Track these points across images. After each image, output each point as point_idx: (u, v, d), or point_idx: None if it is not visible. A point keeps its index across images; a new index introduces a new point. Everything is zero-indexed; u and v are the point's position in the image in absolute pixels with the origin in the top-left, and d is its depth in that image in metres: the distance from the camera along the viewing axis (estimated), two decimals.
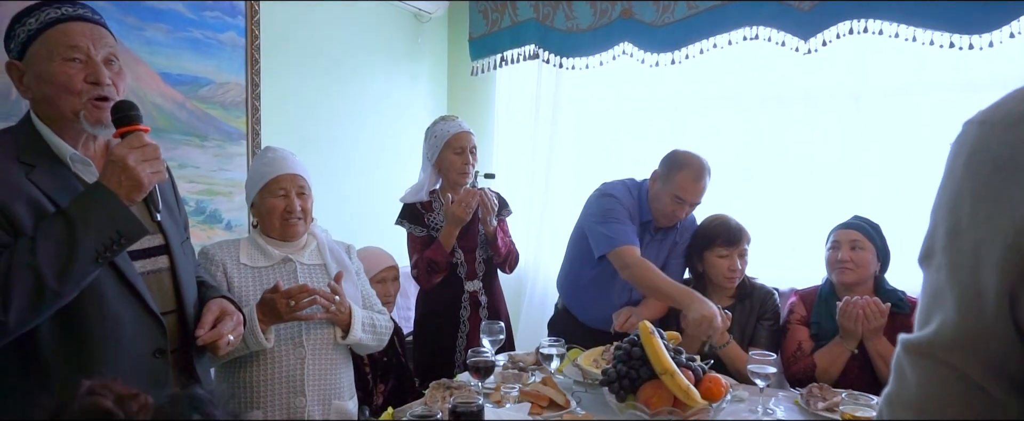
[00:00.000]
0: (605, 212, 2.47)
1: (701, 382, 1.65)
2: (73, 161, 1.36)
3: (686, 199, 2.40)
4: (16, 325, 1.19)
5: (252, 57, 2.88)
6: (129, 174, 1.26)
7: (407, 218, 2.64)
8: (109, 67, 1.36)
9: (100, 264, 1.25)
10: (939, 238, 0.70)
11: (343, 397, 1.94)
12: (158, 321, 1.40)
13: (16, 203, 1.24)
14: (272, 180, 1.88)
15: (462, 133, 2.58)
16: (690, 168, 2.39)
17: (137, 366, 1.36)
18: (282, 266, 1.91)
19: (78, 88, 1.31)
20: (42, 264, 1.18)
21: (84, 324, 1.30)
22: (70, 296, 1.24)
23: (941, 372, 0.67)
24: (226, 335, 1.48)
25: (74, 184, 1.33)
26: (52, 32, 1.31)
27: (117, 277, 1.34)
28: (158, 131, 2.52)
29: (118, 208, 1.25)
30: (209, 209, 2.76)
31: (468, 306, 2.60)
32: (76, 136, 1.37)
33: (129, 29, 2.42)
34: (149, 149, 1.30)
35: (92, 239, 1.22)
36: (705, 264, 2.42)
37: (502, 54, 3.78)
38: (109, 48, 1.37)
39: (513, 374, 2.15)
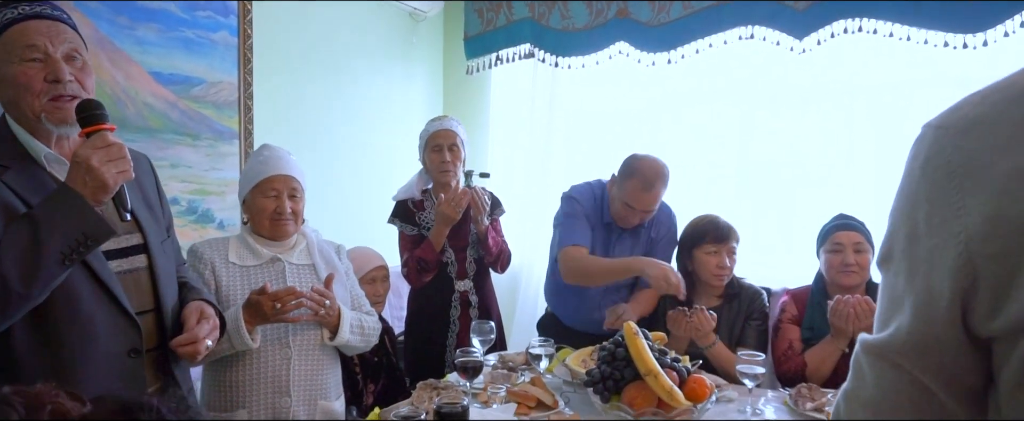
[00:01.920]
0: (562, 215, 2.54)
1: (685, 383, 1.64)
2: (48, 160, 1.34)
3: (634, 207, 2.40)
4: None
5: (245, 56, 2.88)
6: (94, 175, 1.23)
7: (398, 216, 2.64)
8: (71, 64, 1.33)
9: (67, 266, 1.23)
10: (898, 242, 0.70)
11: (329, 397, 1.94)
12: (133, 321, 1.38)
13: None
14: (265, 180, 1.88)
15: (440, 131, 2.57)
16: (640, 177, 2.38)
17: (112, 366, 1.35)
18: (271, 266, 1.91)
19: (38, 88, 1.29)
20: (7, 268, 1.17)
21: (57, 324, 1.29)
22: (39, 298, 1.23)
23: (896, 375, 0.68)
24: (202, 338, 1.46)
25: (48, 183, 1.31)
26: (10, 33, 1.29)
27: (91, 277, 1.33)
28: (150, 130, 2.53)
29: (83, 209, 1.23)
30: (201, 209, 2.76)
31: (458, 306, 2.60)
32: (48, 135, 1.35)
33: (120, 29, 2.42)
34: (114, 148, 1.27)
35: (57, 241, 1.20)
36: (694, 262, 2.41)
37: (497, 53, 3.77)
38: (70, 44, 1.34)
39: (502, 374, 2.15)
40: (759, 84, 3.29)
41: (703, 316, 2.19)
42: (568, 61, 3.58)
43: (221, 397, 1.82)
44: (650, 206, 2.40)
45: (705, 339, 2.21)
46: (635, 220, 2.45)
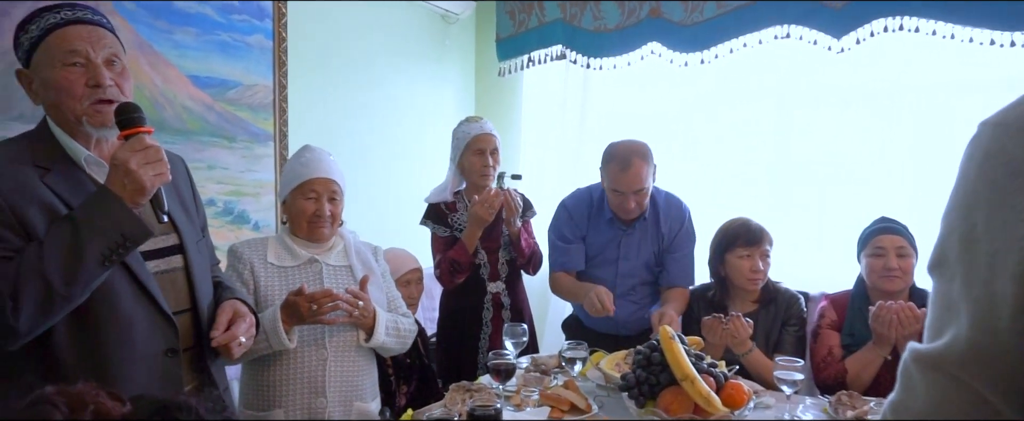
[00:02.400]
0: (551, 232, 2.63)
1: (722, 389, 1.61)
2: (87, 163, 1.37)
3: (620, 189, 2.38)
4: (27, 330, 1.21)
5: (279, 59, 2.91)
6: (132, 178, 1.26)
7: (431, 218, 2.64)
8: (111, 68, 1.35)
9: (107, 267, 1.26)
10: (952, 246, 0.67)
11: (365, 399, 1.94)
12: (170, 321, 1.40)
13: (29, 207, 1.25)
14: (305, 182, 1.90)
15: (483, 135, 2.57)
16: (615, 159, 2.39)
17: (150, 365, 1.37)
18: (308, 266, 1.92)
19: (79, 93, 1.32)
20: (49, 269, 1.19)
21: (97, 324, 1.31)
22: (80, 299, 1.25)
23: (951, 387, 0.64)
24: (239, 337, 1.47)
25: (88, 185, 1.34)
26: (52, 38, 1.31)
27: (129, 278, 1.35)
28: (187, 133, 2.57)
29: (122, 212, 1.25)
30: (237, 210, 2.79)
31: (491, 307, 2.59)
32: (88, 138, 1.38)
33: (159, 33, 2.46)
34: (151, 151, 1.29)
35: (97, 243, 1.22)
36: (726, 267, 2.37)
37: (529, 55, 3.76)
38: (110, 48, 1.36)
39: (535, 377, 2.14)
40: (795, 85, 3.23)
41: (739, 323, 2.15)
42: (600, 62, 3.56)
43: (258, 396, 1.83)
44: (633, 185, 2.36)
45: (741, 346, 2.17)
46: (631, 206, 2.40)
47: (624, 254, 2.51)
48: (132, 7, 2.37)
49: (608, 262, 2.53)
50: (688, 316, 2.46)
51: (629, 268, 2.52)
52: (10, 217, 1.23)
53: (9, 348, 1.23)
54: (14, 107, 2.06)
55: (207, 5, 2.62)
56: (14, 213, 1.23)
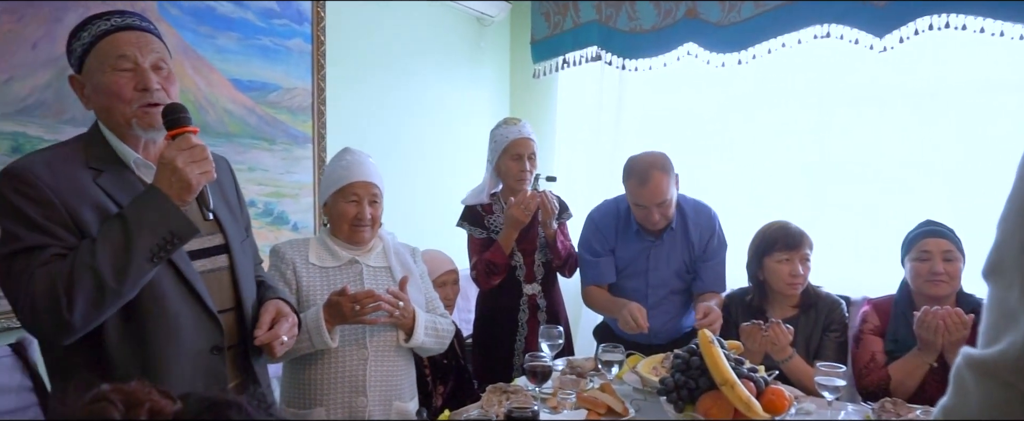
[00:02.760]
0: (581, 247, 2.63)
1: (763, 394, 1.59)
2: (136, 165, 1.41)
3: (641, 203, 2.37)
4: (81, 324, 1.24)
5: (318, 63, 2.95)
6: (179, 175, 1.29)
7: (467, 220, 2.65)
8: (158, 72, 1.38)
9: (155, 263, 1.29)
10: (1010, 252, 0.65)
11: (404, 398, 1.96)
12: (215, 319, 1.44)
13: (83, 208, 1.29)
14: (347, 185, 1.92)
15: (521, 139, 2.56)
16: (634, 174, 2.39)
17: (195, 363, 1.40)
18: (349, 267, 1.95)
19: (128, 96, 1.35)
20: (101, 265, 1.22)
21: (145, 322, 1.34)
22: (130, 295, 1.29)
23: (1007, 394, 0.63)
24: (281, 336, 1.50)
25: (137, 186, 1.37)
26: (102, 44, 1.35)
27: (176, 276, 1.38)
28: (229, 135, 2.62)
29: (170, 209, 1.28)
30: (276, 211, 2.84)
31: (527, 309, 2.60)
32: (137, 140, 1.42)
33: (203, 38, 2.52)
34: (197, 150, 1.32)
35: (146, 239, 1.26)
36: (765, 271, 2.33)
37: (564, 56, 3.76)
38: (157, 54, 1.39)
39: (571, 380, 2.13)
40: (836, 85, 3.18)
41: (779, 330, 2.11)
42: (635, 63, 3.54)
43: (300, 395, 1.86)
44: (654, 199, 2.34)
45: (781, 352, 2.13)
46: (656, 218, 2.38)
47: (654, 265, 2.48)
48: (177, 13, 2.43)
49: (638, 273, 2.52)
50: (726, 321, 2.43)
51: (660, 279, 2.50)
52: (65, 217, 1.27)
53: (64, 342, 1.27)
54: (66, 110, 2.13)
55: (249, 10, 2.68)
56: (69, 213, 1.27)
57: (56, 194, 1.27)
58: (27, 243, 1.25)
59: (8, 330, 2.02)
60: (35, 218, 1.25)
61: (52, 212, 1.26)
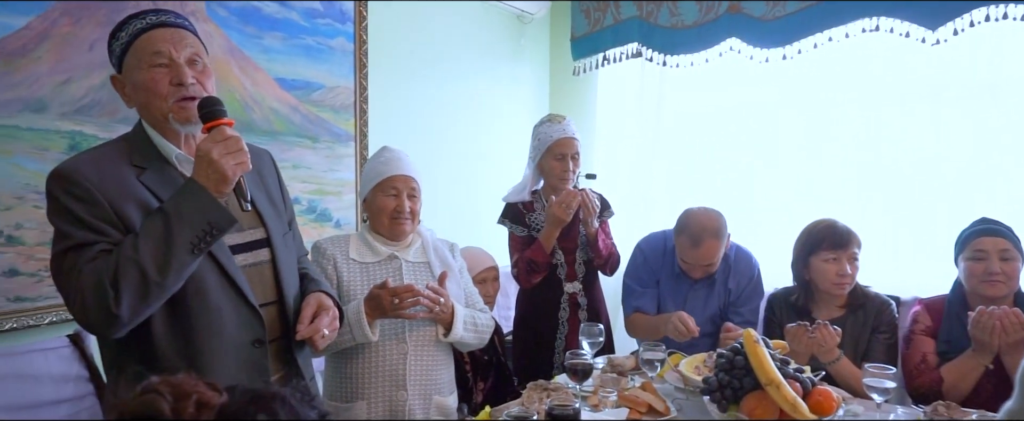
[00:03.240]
0: (626, 276, 2.63)
1: (810, 395, 1.55)
2: (178, 160, 1.44)
3: (689, 262, 2.42)
4: (128, 317, 1.27)
5: (360, 61, 2.99)
6: (214, 167, 1.30)
7: (509, 217, 2.65)
8: (193, 67, 1.41)
9: (196, 255, 1.31)
10: None
11: (443, 393, 1.97)
12: (256, 313, 1.46)
13: (127, 205, 1.32)
14: (386, 179, 1.95)
15: (565, 139, 2.54)
16: (686, 233, 2.38)
17: (238, 356, 1.43)
18: (388, 262, 1.97)
19: (164, 92, 1.38)
20: (144, 258, 1.25)
21: (189, 316, 1.38)
22: (174, 287, 1.31)
23: None
24: (322, 330, 1.52)
25: (178, 181, 1.40)
26: (139, 42, 1.38)
27: (218, 271, 1.40)
28: (274, 133, 2.67)
29: (208, 201, 1.30)
30: (320, 208, 2.89)
31: (567, 307, 2.59)
32: (177, 136, 1.45)
33: (249, 38, 2.57)
34: (231, 141, 1.33)
35: (186, 231, 1.28)
36: (811, 270, 2.28)
37: (604, 53, 3.74)
38: (191, 48, 1.41)
39: (611, 378, 2.12)
40: (885, 80, 3.09)
41: (827, 331, 2.05)
42: (676, 60, 3.50)
43: (341, 388, 1.89)
44: (703, 261, 2.38)
45: (828, 354, 2.08)
46: (700, 275, 2.44)
47: (690, 308, 2.45)
48: (224, 14, 2.48)
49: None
50: (770, 321, 2.40)
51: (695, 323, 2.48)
52: (111, 214, 1.31)
53: (114, 336, 1.30)
54: (119, 110, 2.19)
55: (293, 10, 2.72)
56: (114, 210, 1.31)
57: (102, 193, 1.30)
58: (77, 240, 1.29)
59: (66, 321, 2.09)
60: (83, 216, 1.29)
61: (99, 210, 1.30)
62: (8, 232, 1.99)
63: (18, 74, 1.99)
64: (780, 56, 3.16)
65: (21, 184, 2.01)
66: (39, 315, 2.06)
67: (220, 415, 0.73)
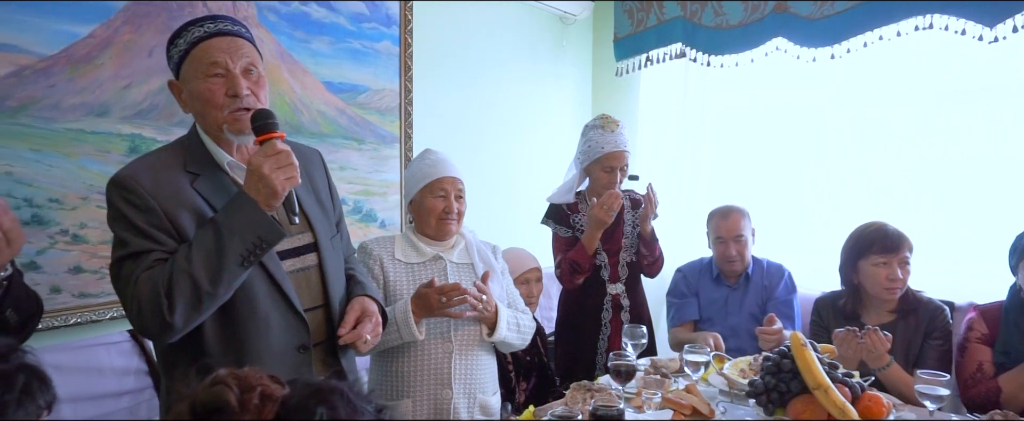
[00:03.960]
0: (669, 295, 2.84)
1: (859, 400, 1.53)
2: (230, 167, 1.47)
3: (722, 235, 2.65)
4: (182, 325, 1.31)
5: (405, 64, 3.04)
6: (265, 182, 1.32)
7: (553, 218, 2.66)
8: (248, 77, 1.42)
9: (246, 267, 1.34)
10: None
11: (487, 392, 2.00)
12: (302, 319, 1.48)
13: (181, 212, 1.36)
14: (435, 181, 1.98)
15: (617, 153, 2.51)
16: (717, 212, 2.72)
17: (284, 360, 1.45)
18: (433, 263, 2.00)
19: (220, 102, 1.40)
20: (197, 270, 1.28)
21: (238, 322, 1.41)
22: (225, 297, 1.34)
23: None
24: (364, 335, 1.53)
25: (231, 188, 1.43)
26: (196, 51, 1.40)
27: (266, 277, 1.43)
28: (321, 135, 2.73)
29: (257, 215, 1.33)
30: (365, 208, 2.94)
31: (610, 309, 2.59)
32: (230, 144, 1.47)
33: (297, 42, 2.63)
34: (282, 156, 1.35)
35: (237, 245, 1.31)
36: (860, 274, 2.23)
37: (647, 54, 3.72)
38: (247, 58, 1.43)
39: (655, 380, 2.11)
40: (939, 80, 3.01)
41: (877, 337, 2.01)
42: (721, 60, 3.46)
43: (387, 386, 1.92)
44: (733, 232, 2.62)
45: (878, 360, 2.03)
46: (733, 253, 2.62)
47: (733, 310, 2.65)
48: (275, 19, 2.55)
49: (718, 318, 2.68)
50: (817, 325, 2.36)
51: (736, 322, 2.64)
52: (165, 222, 1.35)
53: (168, 341, 1.35)
54: (176, 114, 2.27)
55: (341, 14, 2.78)
56: (169, 218, 1.35)
57: (157, 200, 1.34)
58: (133, 249, 1.33)
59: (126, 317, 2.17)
60: (139, 224, 1.33)
61: (154, 218, 1.34)
62: (73, 231, 2.08)
63: (83, 80, 2.08)
64: (828, 56, 3.10)
65: (86, 185, 2.10)
66: (101, 311, 2.15)
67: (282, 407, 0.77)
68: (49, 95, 2.01)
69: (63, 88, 2.03)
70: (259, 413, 0.76)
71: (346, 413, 0.77)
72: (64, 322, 2.06)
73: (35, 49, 1.97)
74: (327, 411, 0.76)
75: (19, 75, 1.95)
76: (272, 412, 0.77)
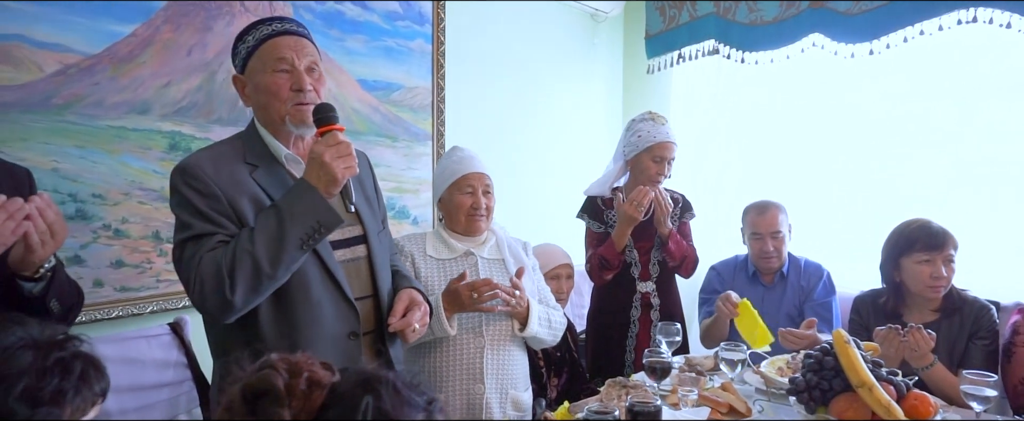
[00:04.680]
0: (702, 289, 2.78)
1: (905, 399, 1.49)
2: (287, 160, 1.53)
3: (758, 231, 2.59)
4: (241, 304, 1.37)
5: (438, 62, 3.05)
6: (326, 170, 1.39)
7: (587, 212, 2.64)
8: (310, 74, 1.51)
9: (304, 251, 1.40)
10: None
11: (519, 388, 1.99)
12: (352, 306, 1.53)
13: (241, 199, 1.43)
14: (462, 177, 1.99)
15: (668, 143, 2.50)
16: (754, 207, 2.66)
17: (335, 346, 1.50)
18: (464, 259, 2.00)
19: (285, 95, 1.47)
20: (258, 251, 1.35)
21: (292, 307, 1.46)
22: (282, 279, 1.40)
23: None
24: (413, 324, 1.59)
25: (287, 180, 1.50)
26: (264, 47, 1.48)
27: (319, 265, 1.49)
28: (356, 133, 2.75)
29: (318, 201, 1.39)
30: (398, 205, 2.96)
31: (639, 307, 2.56)
32: (288, 137, 1.54)
33: (333, 41, 2.66)
34: (342, 146, 1.42)
35: (297, 229, 1.37)
36: (902, 272, 2.18)
37: (679, 51, 3.69)
38: (310, 57, 1.52)
39: (690, 377, 2.09)
40: (984, 75, 2.93)
41: (920, 335, 1.96)
42: (755, 56, 3.41)
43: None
44: (770, 227, 2.57)
45: (922, 360, 1.98)
46: (770, 249, 2.57)
47: (769, 310, 2.54)
48: (310, 17, 2.58)
49: None
50: (857, 324, 2.31)
51: (773, 323, 2.49)
52: (227, 207, 1.41)
53: (226, 320, 1.40)
54: (214, 111, 2.31)
55: (375, 12, 2.80)
56: (230, 204, 1.41)
57: (219, 187, 1.41)
58: (196, 231, 1.40)
59: (166, 311, 2.21)
60: (203, 209, 1.40)
61: (216, 203, 1.40)
62: (115, 226, 2.12)
63: (125, 78, 2.12)
64: (867, 51, 3.03)
65: (127, 181, 2.14)
66: (142, 304, 2.19)
67: (330, 395, 0.78)
68: (93, 93, 2.05)
69: (106, 86, 2.08)
70: (306, 399, 0.77)
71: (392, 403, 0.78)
72: (106, 315, 2.10)
73: (80, 48, 2.02)
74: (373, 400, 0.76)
75: (65, 73, 1.99)
76: (320, 399, 0.78)
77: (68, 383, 0.93)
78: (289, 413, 0.76)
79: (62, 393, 0.92)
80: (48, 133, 1.97)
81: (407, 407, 0.79)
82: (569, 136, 3.74)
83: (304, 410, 0.77)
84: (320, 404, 0.78)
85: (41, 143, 1.96)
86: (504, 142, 3.41)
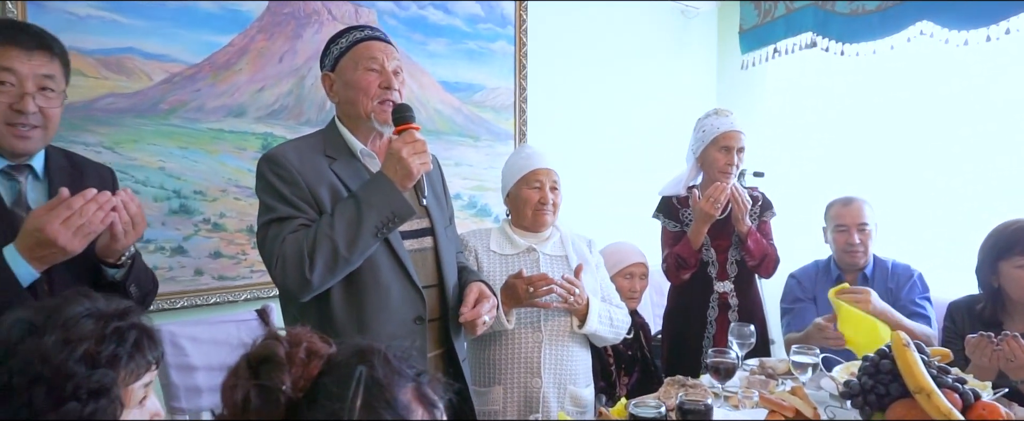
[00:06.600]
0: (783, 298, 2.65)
1: (971, 409, 1.38)
2: (362, 155, 1.66)
3: (843, 223, 2.47)
4: (318, 283, 1.49)
5: (520, 63, 3.11)
6: (403, 165, 1.50)
7: (662, 211, 2.61)
8: (396, 77, 1.65)
9: (378, 238, 1.52)
10: None
11: (578, 384, 2.00)
12: (420, 293, 1.63)
13: (321, 188, 1.56)
14: (530, 172, 2.03)
15: (732, 132, 2.45)
16: (838, 200, 2.55)
17: (401, 329, 1.60)
18: (526, 255, 2.04)
19: (373, 93, 1.61)
20: (337, 235, 1.47)
21: (362, 290, 1.57)
22: (356, 263, 1.52)
23: None
24: (483, 315, 1.67)
25: (362, 172, 1.63)
26: (358, 48, 1.63)
27: (390, 253, 1.60)
28: (438, 133, 2.86)
29: (393, 193, 1.50)
30: (480, 203, 3.04)
31: (716, 307, 2.49)
32: (366, 134, 1.67)
33: (416, 44, 2.78)
34: (419, 144, 1.52)
35: (374, 217, 1.49)
36: (1001, 277, 2.00)
37: (775, 45, 3.54)
38: (396, 61, 1.67)
39: (759, 380, 2.02)
40: None
41: (1016, 344, 1.79)
42: (856, 48, 3.21)
43: (481, 373, 1.99)
44: (856, 219, 2.46)
45: (1019, 371, 1.81)
46: (855, 242, 2.44)
47: None
48: (394, 23, 2.71)
49: None
50: (950, 331, 2.15)
51: None
52: (308, 194, 1.55)
53: (303, 298, 1.53)
54: (303, 114, 2.48)
55: (457, 16, 2.90)
56: (311, 191, 1.55)
57: (301, 176, 1.55)
58: (279, 214, 1.54)
59: (257, 299, 2.40)
60: (286, 194, 1.54)
61: (298, 190, 1.54)
62: (214, 220, 2.33)
63: (223, 84, 2.32)
64: (983, 37, 2.77)
65: (224, 178, 2.34)
66: (237, 292, 2.39)
67: (327, 363, 0.85)
68: (195, 98, 2.27)
69: (206, 92, 2.29)
70: (305, 366, 0.85)
71: (384, 372, 0.84)
72: (205, 301, 2.31)
73: (184, 58, 2.24)
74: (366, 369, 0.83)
75: (170, 81, 2.22)
76: (317, 367, 0.85)
77: (123, 349, 1.04)
78: (289, 379, 0.83)
79: (117, 358, 1.03)
80: (155, 135, 2.20)
81: (397, 377, 0.85)
82: (657, 135, 3.68)
83: (303, 377, 0.84)
84: (318, 372, 0.85)
85: (149, 144, 2.19)
86: (589, 140, 3.41)
